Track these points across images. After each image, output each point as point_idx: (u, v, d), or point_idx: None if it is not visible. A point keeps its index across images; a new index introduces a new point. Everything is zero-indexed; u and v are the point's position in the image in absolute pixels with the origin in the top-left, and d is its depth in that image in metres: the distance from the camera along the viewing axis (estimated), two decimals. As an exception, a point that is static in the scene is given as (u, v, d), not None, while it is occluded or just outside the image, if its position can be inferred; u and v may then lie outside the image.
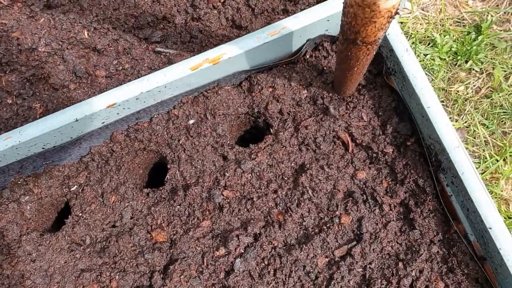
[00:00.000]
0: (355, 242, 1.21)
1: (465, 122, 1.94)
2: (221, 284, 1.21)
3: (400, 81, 1.24)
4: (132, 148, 1.32)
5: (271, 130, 1.33)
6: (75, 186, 1.31)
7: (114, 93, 1.18)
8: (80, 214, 1.28)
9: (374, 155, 1.28)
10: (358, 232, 1.22)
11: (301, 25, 1.21)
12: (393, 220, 1.22)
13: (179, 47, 1.37)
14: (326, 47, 1.33)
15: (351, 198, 1.25)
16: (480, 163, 1.85)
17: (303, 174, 1.26)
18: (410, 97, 1.22)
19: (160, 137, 1.31)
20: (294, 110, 1.32)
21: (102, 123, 1.25)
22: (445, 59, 2.01)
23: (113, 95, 1.18)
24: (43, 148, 1.24)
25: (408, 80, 1.19)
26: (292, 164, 1.29)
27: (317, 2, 1.37)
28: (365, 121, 1.29)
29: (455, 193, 1.21)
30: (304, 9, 1.36)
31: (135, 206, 1.28)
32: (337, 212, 1.24)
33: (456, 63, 2.01)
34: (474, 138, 1.91)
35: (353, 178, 1.27)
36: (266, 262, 1.21)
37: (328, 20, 1.24)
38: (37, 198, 1.31)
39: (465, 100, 1.96)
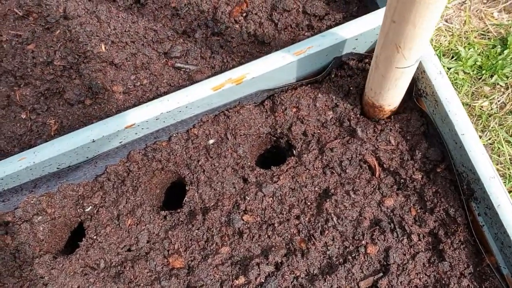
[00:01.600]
0: (381, 274, 1.15)
1: (489, 139, 1.87)
2: (240, 315, 1.16)
3: (431, 104, 1.18)
4: (149, 168, 1.27)
5: (294, 151, 1.28)
6: (90, 207, 1.26)
7: (133, 113, 1.13)
8: (95, 237, 1.23)
9: (402, 181, 1.22)
10: (385, 263, 1.16)
11: (329, 44, 1.15)
12: (422, 250, 1.17)
13: (199, 62, 1.31)
14: (352, 66, 1.27)
15: (378, 227, 1.19)
16: (505, 182, 1.79)
17: (328, 200, 1.21)
18: (443, 122, 1.15)
19: (178, 157, 1.26)
20: (319, 131, 1.26)
21: (120, 142, 1.20)
22: (469, 73, 1.94)
23: (132, 116, 1.13)
24: (57, 168, 1.20)
25: (441, 104, 1.13)
26: (316, 189, 1.24)
27: (343, 18, 1.30)
28: (393, 145, 1.23)
29: (488, 224, 1.15)
30: (330, 25, 1.30)
31: (151, 229, 1.23)
32: (363, 241, 1.18)
33: (481, 78, 1.94)
34: (499, 156, 1.84)
35: (380, 205, 1.21)
36: (287, 293, 1.16)
37: (356, 39, 1.18)
38: (50, 218, 1.26)
39: (489, 116, 1.89)
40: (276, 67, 1.14)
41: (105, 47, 1.31)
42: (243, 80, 1.14)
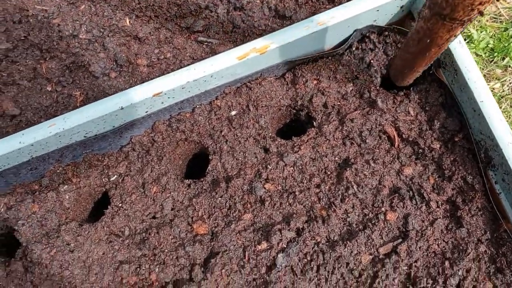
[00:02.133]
0: (400, 240, 1.18)
1: (501, 121, 1.89)
2: (262, 279, 1.19)
3: (451, 74, 1.21)
4: (173, 138, 1.30)
5: (314, 123, 1.31)
6: (115, 176, 1.29)
7: (161, 81, 1.16)
8: (120, 205, 1.26)
9: (421, 150, 1.25)
10: (404, 229, 1.19)
11: (351, 15, 1.18)
12: (440, 217, 1.19)
13: (221, 37, 1.34)
14: (373, 39, 1.30)
15: (397, 195, 1.22)
16: (517, 162, 1.81)
17: (348, 169, 1.23)
18: (462, 91, 1.18)
19: (202, 128, 1.29)
20: (339, 103, 1.29)
21: (146, 112, 1.23)
22: (481, 55, 1.96)
23: (159, 84, 1.16)
24: (84, 137, 1.23)
25: (460, 72, 1.15)
26: (336, 158, 1.27)
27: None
28: (412, 116, 1.26)
29: (505, 191, 1.17)
30: (350, -1, 1.32)
31: (176, 197, 1.26)
32: (382, 209, 1.21)
33: (492, 60, 1.96)
34: (511, 137, 1.86)
35: (399, 174, 1.24)
36: (308, 258, 1.19)
37: (377, 10, 1.21)
38: (76, 187, 1.29)
39: (501, 98, 1.92)
40: (299, 36, 1.17)
41: (129, 21, 1.34)
42: (267, 50, 1.17)
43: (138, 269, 1.22)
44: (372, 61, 1.28)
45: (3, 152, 1.14)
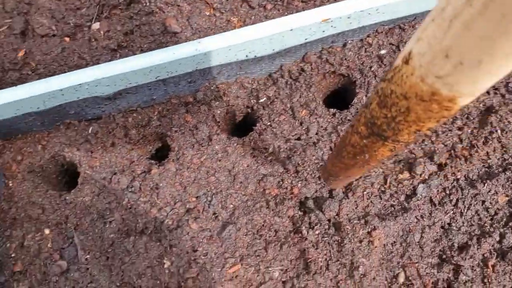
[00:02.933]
0: (541, 185, 1.23)
1: None
2: (400, 206, 1.25)
3: None
4: (322, 70, 1.38)
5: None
6: (264, 98, 1.38)
7: (330, 7, 1.25)
8: (268, 123, 1.35)
9: None
10: (545, 177, 1.24)
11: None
12: None
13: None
14: None
15: (540, 143, 1.26)
16: None
17: (492, 115, 1.29)
18: None
19: (351, 62, 1.37)
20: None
21: (305, 39, 1.32)
22: None
23: (329, 10, 1.24)
24: (246, 56, 1.32)
25: None
26: (480, 105, 1.32)
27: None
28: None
29: None
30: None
31: (321, 123, 1.34)
32: (524, 155, 1.26)
33: None
34: None
35: (543, 125, 1.28)
36: (447, 192, 1.25)
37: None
38: (226, 105, 1.39)
39: None
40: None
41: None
42: (434, -9, 1.24)
43: (281, 182, 1.30)
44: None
45: (178, 57, 1.24)
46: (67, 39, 1.39)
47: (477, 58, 0.37)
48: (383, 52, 1.36)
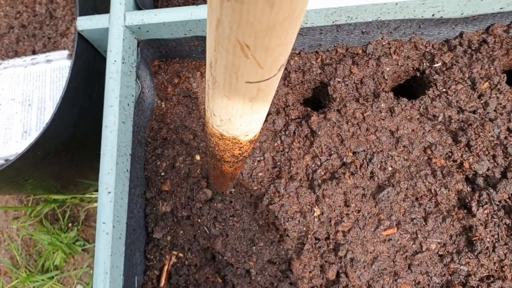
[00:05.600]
0: None
1: None
2: None
3: None
4: (505, 45, 1.28)
5: None
6: (439, 63, 1.29)
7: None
8: (443, 90, 1.26)
9: None
10: None
11: None
12: None
13: None
14: None
15: None
16: None
17: None
18: None
19: (545, 41, 1.26)
20: None
21: (500, 8, 1.22)
22: None
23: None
24: (432, 15, 1.23)
25: None
26: None
27: None
28: None
29: None
30: None
31: (500, 99, 1.24)
32: None
33: None
34: None
35: None
36: None
37: None
38: (395, 63, 1.31)
39: None
40: None
41: None
42: None
43: (450, 154, 1.21)
44: None
45: (371, 2, 1.17)
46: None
47: (227, 117, 0.54)
48: None
